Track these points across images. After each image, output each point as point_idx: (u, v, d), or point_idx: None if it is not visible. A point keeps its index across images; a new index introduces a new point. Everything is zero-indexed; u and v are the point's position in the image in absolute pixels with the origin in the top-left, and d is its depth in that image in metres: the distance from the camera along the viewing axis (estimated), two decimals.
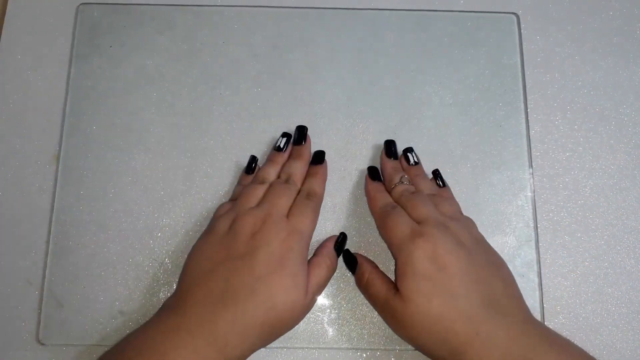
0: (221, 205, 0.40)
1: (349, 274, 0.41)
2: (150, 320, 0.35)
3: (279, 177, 0.41)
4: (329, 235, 0.41)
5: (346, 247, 0.41)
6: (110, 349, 0.35)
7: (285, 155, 0.43)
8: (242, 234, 0.36)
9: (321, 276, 0.38)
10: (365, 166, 0.43)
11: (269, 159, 0.43)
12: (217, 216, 0.39)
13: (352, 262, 0.40)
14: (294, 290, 0.35)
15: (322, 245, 0.40)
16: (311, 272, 0.37)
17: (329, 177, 0.43)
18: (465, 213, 0.40)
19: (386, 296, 0.36)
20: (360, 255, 0.41)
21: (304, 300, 0.35)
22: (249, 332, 0.34)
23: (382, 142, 0.43)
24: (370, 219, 0.41)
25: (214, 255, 0.36)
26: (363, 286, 0.39)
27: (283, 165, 0.42)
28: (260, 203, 0.39)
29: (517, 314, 0.34)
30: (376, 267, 0.39)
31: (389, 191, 0.41)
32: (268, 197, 0.39)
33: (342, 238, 0.41)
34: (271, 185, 0.40)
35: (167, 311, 0.35)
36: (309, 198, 0.40)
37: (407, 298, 0.34)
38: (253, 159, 0.43)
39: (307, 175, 0.42)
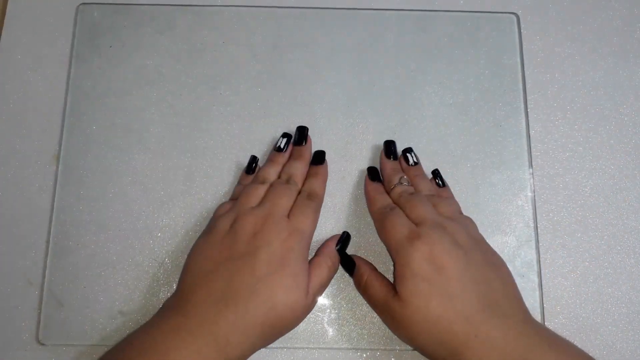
0: (221, 205, 0.40)
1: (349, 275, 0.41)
2: (151, 321, 0.35)
3: (279, 177, 0.41)
4: (329, 235, 0.41)
5: (344, 251, 0.41)
6: (111, 349, 0.35)
7: (285, 155, 0.42)
8: (243, 233, 0.36)
9: (322, 276, 0.38)
10: (365, 166, 0.43)
11: (270, 159, 0.43)
12: (217, 216, 0.39)
13: (349, 264, 0.40)
14: (294, 291, 0.35)
15: (323, 245, 0.40)
16: (312, 272, 0.37)
17: (329, 177, 0.43)
18: (465, 213, 0.40)
19: (385, 298, 0.36)
20: (358, 257, 0.40)
21: (305, 300, 0.35)
22: (250, 332, 0.34)
23: (382, 142, 0.43)
24: (371, 219, 0.41)
25: (215, 255, 0.36)
26: (362, 288, 0.39)
27: (284, 166, 0.42)
28: (261, 203, 0.39)
29: (516, 315, 0.34)
30: (374, 269, 0.39)
31: (388, 192, 0.41)
32: (269, 197, 0.39)
33: (344, 237, 0.41)
34: (272, 185, 0.40)
35: (168, 311, 0.35)
36: (310, 198, 0.40)
37: (405, 300, 0.34)
38: (253, 159, 0.42)
39: (308, 175, 0.42)
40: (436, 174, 0.43)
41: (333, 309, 0.40)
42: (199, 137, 0.44)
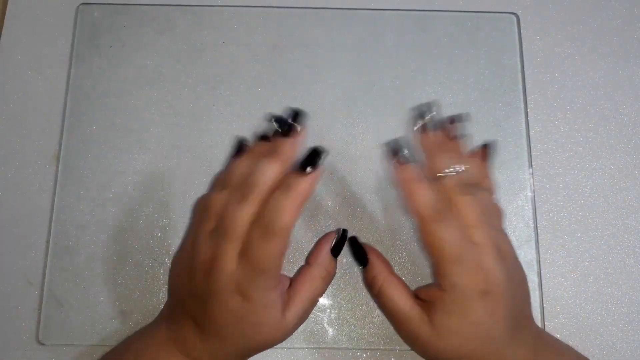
0: (201, 198, 0.35)
1: (350, 273, 0.41)
2: (149, 326, 0.36)
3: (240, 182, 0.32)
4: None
5: (354, 236, 0.37)
6: (110, 351, 0.36)
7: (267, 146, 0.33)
8: (199, 267, 0.31)
9: (314, 289, 0.34)
10: (366, 166, 0.43)
11: (249, 152, 0.35)
12: (192, 218, 0.36)
13: (361, 256, 0.36)
14: (266, 328, 0.32)
15: (315, 250, 0.36)
16: (301, 288, 0.34)
17: (328, 178, 0.42)
18: None
19: (407, 315, 0.32)
20: (373, 250, 0.36)
21: (283, 326, 0.32)
22: (231, 357, 0.33)
23: (382, 142, 0.43)
24: (371, 221, 0.41)
25: (183, 283, 0.33)
26: (375, 294, 0.35)
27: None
28: (215, 227, 0.32)
29: (530, 328, 0.34)
30: (392, 271, 0.35)
31: (433, 178, 0.32)
32: (220, 224, 0.31)
33: (340, 237, 0.36)
34: (226, 202, 0.31)
35: (162, 321, 0.36)
36: (268, 231, 0.29)
37: (441, 333, 0.31)
38: (241, 142, 0.35)
39: (278, 188, 0.30)
40: (488, 146, 0.35)
41: (333, 309, 0.40)
42: (199, 137, 0.44)
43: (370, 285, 0.36)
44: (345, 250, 0.40)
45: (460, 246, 0.30)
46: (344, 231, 0.37)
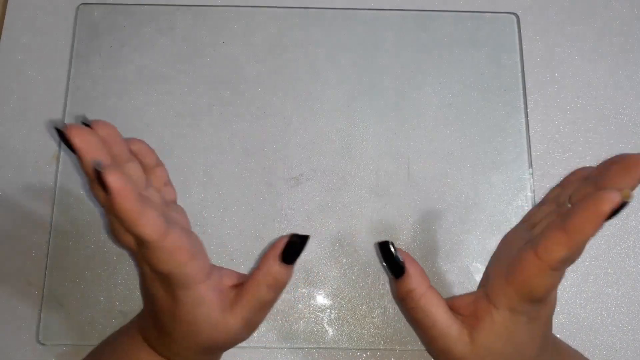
0: None
1: (350, 273, 0.41)
2: (129, 325, 0.37)
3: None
4: (330, 237, 0.41)
5: (388, 241, 0.33)
6: (95, 349, 0.37)
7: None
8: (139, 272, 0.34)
9: (259, 296, 0.31)
10: (366, 166, 0.43)
11: None
12: None
13: (397, 267, 0.32)
14: (204, 328, 0.31)
15: (265, 256, 0.32)
16: (245, 292, 0.31)
17: (329, 178, 0.42)
18: (465, 213, 0.40)
19: (445, 331, 0.31)
20: (410, 259, 0.32)
21: (226, 330, 0.31)
22: (189, 354, 0.33)
23: (382, 142, 0.43)
24: (370, 221, 0.41)
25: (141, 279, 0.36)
26: (408, 308, 0.32)
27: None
28: None
29: (550, 338, 0.35)
30: (429, 284, 0.32)
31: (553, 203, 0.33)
32: None
33: (291, 242, 0.31)
34: None
35: (137, 317, 0.37)
36: (142, 245, 0.28)
37: (480, 351, 0.30)
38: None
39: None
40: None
41: (333, 309, 0.40)
42: (199, 137, 0.44)
43: (403, 299, 0.32)
44: (345, 250, 0.41)
45: (550, 292, 0.30)
46: (300, 237, 0.32)
